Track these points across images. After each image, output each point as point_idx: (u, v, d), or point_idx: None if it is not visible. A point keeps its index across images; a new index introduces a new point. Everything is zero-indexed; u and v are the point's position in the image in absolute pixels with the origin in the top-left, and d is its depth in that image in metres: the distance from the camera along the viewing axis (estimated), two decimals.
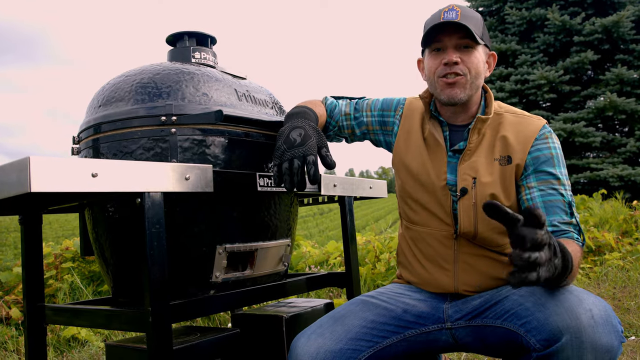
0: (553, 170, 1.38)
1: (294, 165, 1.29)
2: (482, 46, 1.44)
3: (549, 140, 1.41)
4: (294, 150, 1.31)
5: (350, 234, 1.88)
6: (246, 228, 1.49)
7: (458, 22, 1.36)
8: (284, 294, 1.66)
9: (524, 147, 1.40)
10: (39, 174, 1.00)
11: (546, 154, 1.39)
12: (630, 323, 2.86)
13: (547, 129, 1.42)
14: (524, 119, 1.45)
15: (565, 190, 1.38)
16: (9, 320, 3.05)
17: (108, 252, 1.48)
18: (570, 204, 1.37)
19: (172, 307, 1.26)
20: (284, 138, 1.34)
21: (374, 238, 4.52)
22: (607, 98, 10.55)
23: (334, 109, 1.68)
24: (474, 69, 1.41)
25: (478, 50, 1.42)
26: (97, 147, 1.47)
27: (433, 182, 1.46)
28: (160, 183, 1.20)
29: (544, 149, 1.40)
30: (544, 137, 1.41)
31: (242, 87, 1.61)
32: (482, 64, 1.44)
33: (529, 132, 1.41)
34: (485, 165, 1.40)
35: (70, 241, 3.88)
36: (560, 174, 1.38)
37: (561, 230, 1.33)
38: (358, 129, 1.68)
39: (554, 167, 1.38)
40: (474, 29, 1.38)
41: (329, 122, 1.69)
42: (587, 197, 7.03)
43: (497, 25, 12.76)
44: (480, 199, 1.39)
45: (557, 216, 1.35)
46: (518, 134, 1.41)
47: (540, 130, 1.41)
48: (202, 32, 1.71)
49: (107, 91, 1.52)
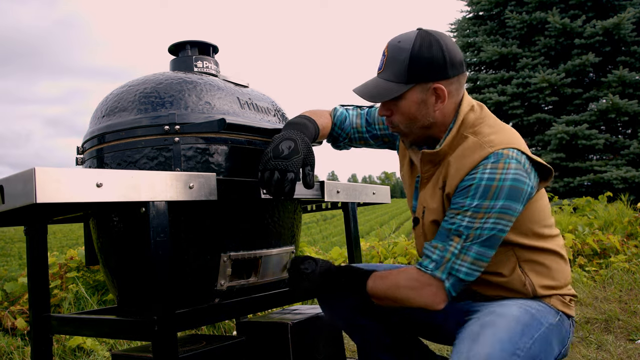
0: (463, 200, 1.28)
1: (274, 176, 1.32)
2: (416, 87, 1.34)
3: (479, 171, 1.28)
4: (278, 162, 1.33)
5: (354, 240, 1.88)
6: (250, 236, 1.50)
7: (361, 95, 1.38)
8: (289, 301, 1.66)
9: (456, 178, 1.32)
10: (45, 185, 1.01)
11: (465, 185, 1.29)
12: (637, 326, 2.84)
13: (490, 159, 1.28)
14: (476, 146, 1.32)
15: (462, 219, 1.27)
16: (15, 331, 3.05)
17: (113, 262, 1.48)
18: (452, 232, 1.28)
19: (177, 316, 1.26)
20: (273, 146, 1.36)
21: (378, 244, 4.51)
22: (609, 100, 10.53)
23: (344, 121, 1.69)
24: (405, 118, 1.38)
25: (406, 98, 1.35)
26: (101, 157, 1.48)
27: (410, 205, 1.52)
28: (165, 192, 1.21)
29: (469, 179, 1.29)
30: (477, 169, 1.29)
31: (244, 95, 1.62)
32: (414, 108, 1.35)
33: (468, 163, 1.31)
34: (431, 194, 1.40)
35: (75, 251, 3.89)
36: (469, 204, 1.26)
37: (422, 253, 1.34)
38: (372, 140, 1.70)
39: (467, 198, 1.27)
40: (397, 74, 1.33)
41: (338, 133, 1.69)
42: (593, 199, 7.01)
43: (498, 29, 12.79)
44: (427, 226, 1.41)
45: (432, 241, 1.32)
46: (459, 162, 1.33)
47: (484, 160, 1.29)
48: (204, 41, 1.72)
49: (110, 101, 1.53)
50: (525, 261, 1.37)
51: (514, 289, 1.37)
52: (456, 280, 1.28)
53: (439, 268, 1.28)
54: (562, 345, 1.38)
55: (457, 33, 13.75)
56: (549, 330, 1.31)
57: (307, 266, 1.43)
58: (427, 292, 1.29)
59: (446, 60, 1.33)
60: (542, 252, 1.39)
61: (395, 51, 1.35)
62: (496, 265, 1.36)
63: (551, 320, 1.34)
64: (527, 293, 1.37)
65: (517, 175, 1.27)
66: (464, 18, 13.79)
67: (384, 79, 1.36)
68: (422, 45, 1.32)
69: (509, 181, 1.26)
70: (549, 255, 1.40)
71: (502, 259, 1.35)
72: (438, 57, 1.32)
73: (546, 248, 1.39)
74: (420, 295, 1.30)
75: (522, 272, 1.37)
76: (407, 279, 1.32)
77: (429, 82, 1.34)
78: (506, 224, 1.27)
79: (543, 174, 1.36)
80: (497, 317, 1.27)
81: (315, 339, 1.75)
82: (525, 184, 1.28)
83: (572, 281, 3.97)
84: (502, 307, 1.32)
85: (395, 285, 1.33)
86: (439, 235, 1.31)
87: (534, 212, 1.36)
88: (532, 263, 1.38)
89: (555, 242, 1.43)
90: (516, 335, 1.22)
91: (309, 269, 1.43)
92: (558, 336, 1.34)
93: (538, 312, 1.32)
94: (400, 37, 1.36)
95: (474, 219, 1.26)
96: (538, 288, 1.36)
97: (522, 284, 1.36)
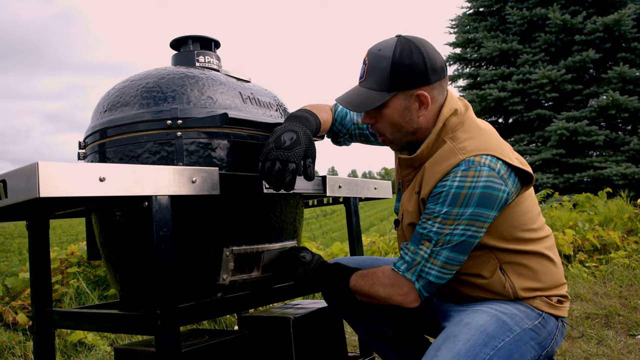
0: (434, 206, 1.29)
1: (275, 167, 1.31)
2: (398, 94, 1.34)
3: (450, 178, 1.28)
4: (280, 152, 1.33)
5: (355, 235, 1.89)
6: (252, 230, 1.50)
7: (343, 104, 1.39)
8: (290, 295, 1.66)
9: (429, 184, 1.33)
10: (48, 179, 1.00)
11: (436, 191, 1.30)
12: (637, 321, 2.85)
13: (461, 166, 1.28)
14: (450, 152, 1.33)
15: (432, 225, 1.28)
16: (16, 326, 3.05)
17: (115, 256, 1.49)
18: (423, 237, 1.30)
19: (180, 310, 1.27)
20: (274, 137, 1.36)
21: (379, 239, 4.52)
22: (609, 96, 10.53)
23: (345, 117, 1.69)
24: (389, 125, 1.39)
25: (389, 105, 1.35)
26: (103, 152, 1.47)
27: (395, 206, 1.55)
28: (167, 186, 1.21)
29: (440, 186, 1.30)
30: (448, 176, 1.29)
31: (246, 89, 1.62)
32: (397, 115, 1.36)
33: (441, 169, 1.32)
34: (409, 197, 1.42)
35: (75, 246, 3.89)
36: (438, 212, 1.28)
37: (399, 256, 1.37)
38: (373, 137, 1.70)
39: (436, 204, 1.29)
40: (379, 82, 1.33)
41: (339, 129, 1.69)
42: (593, 195, 7.02)
43: (498, 25, 12.77)
44: (405, 227, 1.44)
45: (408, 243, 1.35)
46: (433, 168, 1.34)
47: (453, 169, 1.29)
48: (206, 36, 1.71)
49: (112, 96, 1.53)
50: (507, 263, 1.36)
51: (494, 291, 1.37)
52: (426, 282, 1.31)
53: (409, 270, 1.32)
54: (541, 348, 1.35)
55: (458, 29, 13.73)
56: (520, 336, 1.30)
57: (304, 255, 1.51)
58: (400, 291, 1.33)
59: (427, 67, 1.32)
60: (525, 254, 1.37)
61: (375, 59, 1.34)
62: (477, 267, 1.36)
63: (527, 325, 1.32)
64: (507, 295, 1.36)
65: (489, 183, 1.26)
66: (465, 14, 13.77)
67: (366, 87, 1.36)
68: (402, 53, 1.32)
69: (479, 189, 1.25)
70: (533, 257, 1.38)
71: (483, 260, 1.36)
72: (419, 64, 1.32)
73: (529, 250, 1.37)
74: (395, 293, 1.34)
75: (504, 274, 1.36)
76: (384, 277, 1.36)
77: (411, 89, 1.33)
78: (477, 230, 1.28)
79: (524, 179, 1.34)
80: (462, 327, 1.30)
81: (317, 333, 1.75)
82: (500, 191, 1.27)
83: (572, 277, 3.98)
84: (473, 315, 1.33)
85: (373, 283, 1.37)
86: (413, 238, 1.34)
87: (515, 217, 1.35)
88: (514, 265, 1.36)
89: (543, 244, 1.40)
90: (477, 346, 1.24)
91: (307, 258, 1.50)
92: (535, 339, 1.33)
93: (512, 317, 1.31)
94: (380, 45, 1.36)
95: (443, 225, 1.27)
96: (519, 290, 1.35)
97: (502, 286, 1.35)
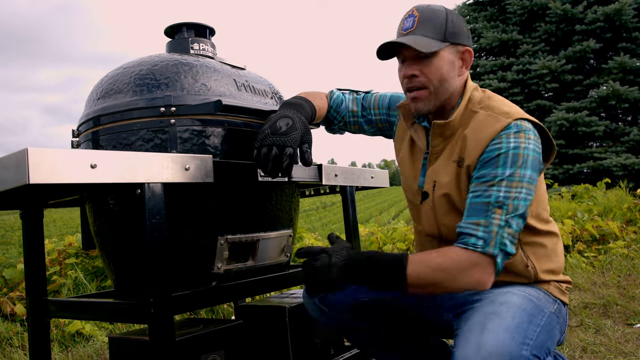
0: (495, 170, 1.25)
1: (272, 152, 1.30)
2: (448, 47, 1.34)
3: (503, 140, 1.27)
4: (276, 138, 1.31)
5: (352, 224, 1.87)
6: (247, 219, 1.49)
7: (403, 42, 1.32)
8: (286, 284, 1.65)
9: (477, 150, 1.30)
10: (38, 166, 0.99)
11: (492, 155, 1.27)
12: (635, 311, 2.85)
13: (512, 129, 1.27)
14: (491, 118, 1.32)
15: (499, 190, 1.23)
16: (14, 317, 3.06)
17: (109, 245, 1.48)
18: (493, 205, 1.23)
19: (173, 299, 1.26)
20: (270, 123, 1.35)
21: (377, 230, 4.51)
22: (609, 87, 10.49)
23: (341, 104, 1.67)
24: (436, 77, 1.35)
25: (440, 56, 1.34)
26: (97, 140, 1.46)
27: (410, 185, 1.49)
28: (160, 174, 1.20)
29: (494, 149, 1.27)
30: (502, 137, 1.27)
31: (241, 77, 1.60)
32: (446, 68, 1.35)
33: (488, 133, 1.30)
34: (444, 167, 1.37)
35: (73, 237, 3.89)
36: (502, 173, 1.24)
37: (463, 234, 1.25)
38: (367, 126, 1.68)
39: (497, 167, 1.25)
40: (434, 32, 1.32)
41: (334, 116, 1.67)
42: (591, 186, 7.01)
43: (498, 15, 12.69)
44: (437, 200, 1.38)
45: (470, 218, 1.25)
46: (477, 134, 1.31)
47: (504, 130, 1.28)
48: (201, 23, 1.69)
49: (105, 83, 1.51)
50: (526, 244, 1.36)
51: (516, 272, 1.35)
52: (504, 255, 1.23)
53: (489, 244, 1.21)
54: (561, 333, 1.37)
55: None
56: (550, 318, 1.29)
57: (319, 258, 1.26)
58: (478, 271, 1.21)
59: (468, 31, 1.40)
60: (543, 234, 1.38)
61: (428, 12, 1.36)
62: None
63: (551, 309, 1.32)
64: (529, 276, 1.35)
65: (536, 147, 1.28)
66: (464, 4, 13.69)
67: (420, 34, 1.33)
68: (451, 12, 1.38)
69: (531, 151, 1.26)
70: (549, 237, 1.40)
71: None
72: (464, 25, 1.39)
73: (547, 230, 1.39)
74: (468, 275, 1.21)
75: (524, 254, 1.36)
76: (454, 260, 1.22)
77: (459, 45, 1.37)
78: (532, 195, 1.27)
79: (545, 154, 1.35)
80: (499, 306, 1.22)
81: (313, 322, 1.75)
82: (541, 156, 1.30)
83: (571, 267, 3.98)
84: (505, 296, 1.27)
85: (439, 268, 1.22)
86: (475, 211, 1.24)
87: (538, 193, 1.34)
88: (533, 245, 1.37)
89: (553, 224, 1.44)
90: (523, 324, 1.18)
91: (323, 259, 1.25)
92: (558, 323, 1.33)
93: (539, 300, 1.30)
94: (426, 3, 1.38)
95: (509, 188, 1.23)
96: (540, 272, 1.35)
97: (524, 265, 1.35)
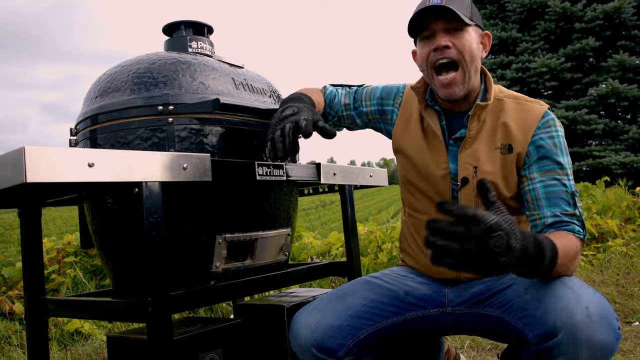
0: (557, 159, 1.33)
1: (285, 128, 1.31)
2: (474, 27, 1.38)
3: (552, 129, 1.35)
4: (285, 120, 1.34)
5: (351, 223, 1.87)
6: (246, 217, 1.48)
7: (442, 5, 1.31)
8: (285, 283, 1.65)
9: (525, 136, 1.35)
10: (35, 164, 0.99)
11: (549, 143, 1.34)
12: (634, 309, 2.85)
13: (550, 115, 1.37)
14: (525, 105, 1.40)
15: (569, 180, 1.33)
16: (13, 315, 3.06)
17: (108, 244, 1.47)
18: (573, 195, 1.31)
19: (172, 298, 1.25)
20: (277, 113, 1.38)
21: (376, 228, 4.51)
22: (609, 85, 10.48)
23: (334, 99, 1.67)
24: (468, 52, 1.35)
25: (469, 32, 1.36)
26: (95, 138, 1.46)
27: (432, 171, 1.44)
28: (158, 172, 1.19)
29: (547, 137, 1.34)
30: (547, 125, 1.35)
31: (239, 75, 1.60)
32: (475, 44, 1.37)
33: (531, 119, 1.36)
34: (487, 154, 1.37)
35: (72, 236, 3.89)
36: (564, 163, 1.33)
37: (563, 221, 1.29)
38: (359, 119, 1.67)
39: (557, 156, 1.33)
40: (462, 9, 1.34)
41: (328, 111, 1.68)
42: (590, 184, 7.00)
43: (497, 13, 12.67)
44: None
45: (559, 207, 1.30)
46: (519, 120, 1.37)
47: (543, 118, 1.36)
48: (199, 22, 1.69)
49: (103, 82, 1.51)
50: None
51: None
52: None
53: (586, 233, 1.30)
54: None
55: None
56: None
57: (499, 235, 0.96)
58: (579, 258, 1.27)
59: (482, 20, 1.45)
60: None
61: None
62: None
63: None
64: None
65: None
66: None
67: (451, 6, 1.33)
68: None
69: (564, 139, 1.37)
70: None
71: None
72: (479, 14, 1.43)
73: None
74: (577, 262, 1.24)
75: None
76: (578, 249, 1.24)
77: (480, 28, 1.42)
78: None
79: None
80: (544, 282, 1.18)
81: None
82: None
83: None
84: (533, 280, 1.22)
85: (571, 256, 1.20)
86: (561, 200, 1.30)
87: None
88: None
89: None
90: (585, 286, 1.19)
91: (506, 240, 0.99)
92: None
93: None
94: None
95: (570, 176, 1.34)
96: None
97: None
